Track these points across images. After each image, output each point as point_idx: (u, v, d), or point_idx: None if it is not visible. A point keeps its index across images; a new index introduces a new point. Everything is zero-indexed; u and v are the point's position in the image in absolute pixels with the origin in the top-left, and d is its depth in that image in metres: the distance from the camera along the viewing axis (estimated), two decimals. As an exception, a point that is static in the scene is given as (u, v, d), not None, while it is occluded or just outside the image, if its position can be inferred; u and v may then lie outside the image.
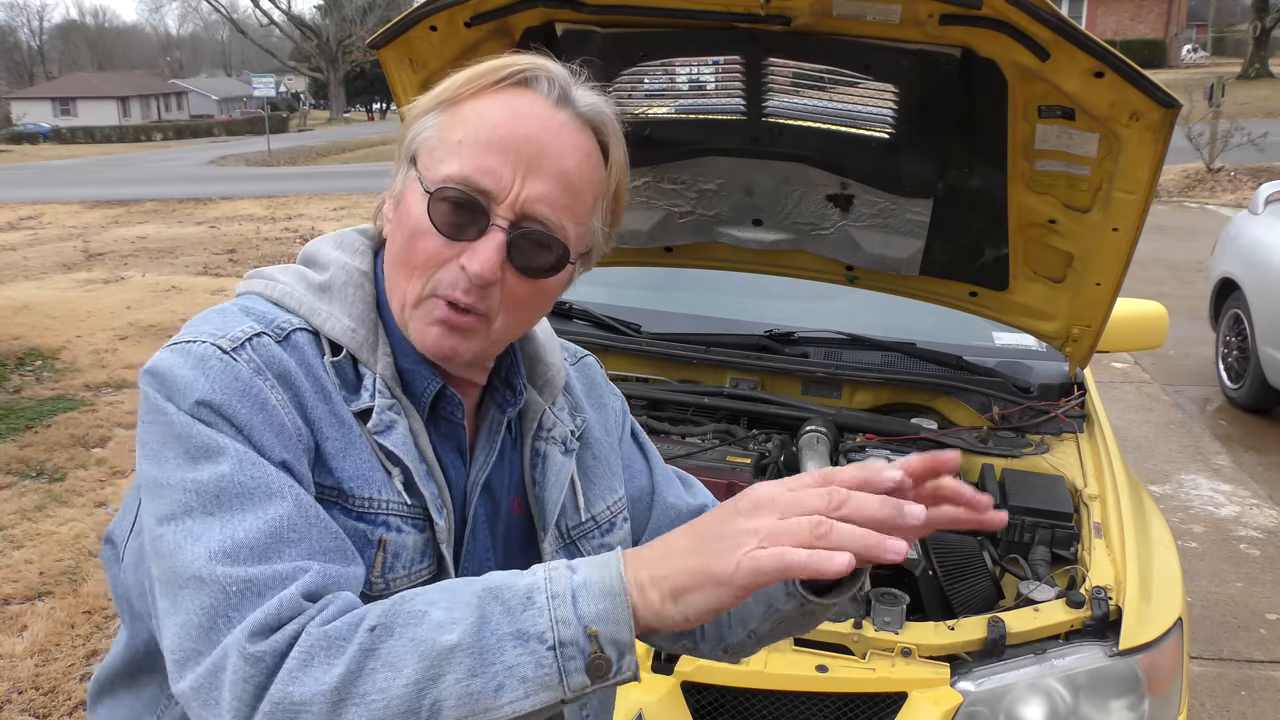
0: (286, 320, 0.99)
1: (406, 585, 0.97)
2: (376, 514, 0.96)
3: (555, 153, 0.96)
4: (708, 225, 2.71)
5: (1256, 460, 5.53)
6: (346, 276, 1.03)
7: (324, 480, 0.95)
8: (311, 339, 0.99)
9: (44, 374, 7.26)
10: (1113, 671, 1.85)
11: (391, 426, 0.98)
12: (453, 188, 0.94)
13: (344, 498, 0.95)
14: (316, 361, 0.98)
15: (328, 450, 0.95)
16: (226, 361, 0.91)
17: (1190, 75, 28.61)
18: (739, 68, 2.21)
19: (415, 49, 2.22)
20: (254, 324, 0.96)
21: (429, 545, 0.99)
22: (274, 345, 0.95)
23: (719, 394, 2.69)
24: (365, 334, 1.00)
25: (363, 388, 0.99)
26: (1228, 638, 3.80)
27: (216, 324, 0.95)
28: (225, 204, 18.21)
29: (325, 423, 0.95)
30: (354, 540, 0.94)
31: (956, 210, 2.41)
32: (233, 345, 0.93)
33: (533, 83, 0.97)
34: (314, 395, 0.96)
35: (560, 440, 1.13)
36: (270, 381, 0.92)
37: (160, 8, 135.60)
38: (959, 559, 2.06)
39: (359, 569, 0.92)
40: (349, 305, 1.01)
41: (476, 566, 1.05)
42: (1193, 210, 13.67)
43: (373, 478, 0.96)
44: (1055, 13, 1.85)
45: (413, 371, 1.02)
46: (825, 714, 1.82)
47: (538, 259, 0.97)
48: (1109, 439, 2.56)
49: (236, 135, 53.46)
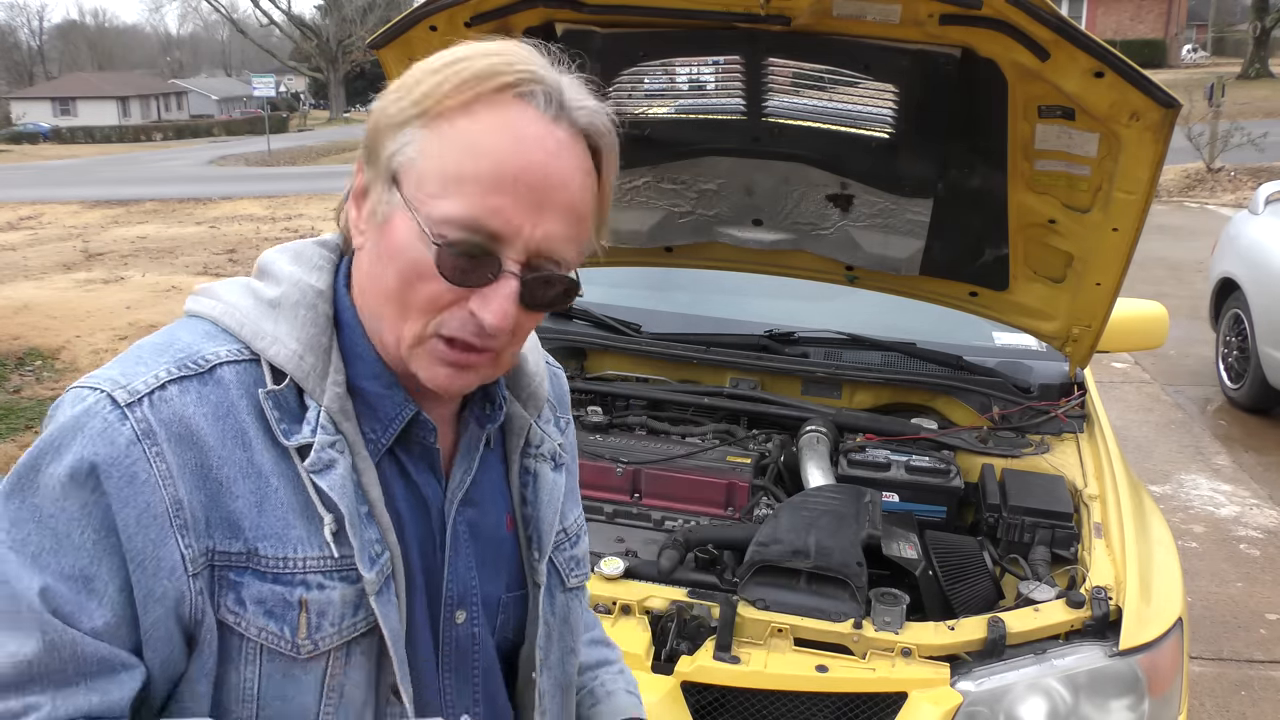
0: (214, 352, 0.91)
1: (340, 642, 0.92)
2: (294, 574, 0.89)
3: (560, 182, 0.89)
4: (708, 225, 2.71)
5: (1257, 460, 5.53)
6: (299, 295, 0.94)
7: (231, 546, 0.88)
8: (244, 370, 0.91)
9: (44, 374, 7.26)
10: (1113, 671, 1.85)
11: (330, 466, 0.91)
12: (460, 235, 0.87)
13: (255, 559, 0.88)
14: (243, 400, 0.90)
15: (236, 509, 0.88)
16: (110, 423, 0.85)
17: (1190, 75, 28.61)
18: (739, 68, 2.22)
19: (415, 49, 2.22)
20: (168, 366, 0.89)
21: (361, 597, 0.92)
22: (180, 395, 0.87)
23: (719, 394, 2.69)
24: (314, 362, 0.92)
25: (305, 420, 0.91)
26: (1228, 638, 3.80)
27: (127, 366, 0.89)
28: (225, 204, 18.21)
29: (235, 480, 0.88)
30: (273, 604, 0.89)
31: (956, 210, 2.41)
32: (129, 399, 0.86)
33: (529, 97, 0.89)
34: (226, 447, 0.88)
35: (550, 456, 1.10)
36: (157, 447, 0.85)
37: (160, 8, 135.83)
38: (959, 559, 2.06)
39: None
40: (298, 328, 0.93)
41: (460, 589, 1.01)
42: (1193, 210, 13.67)
43: (289, 535, 0.89)
44: (1055, 13, 1.85)
45: (381, 396, 0.95)
46: (825, 714, 1.82)
47: (549, 295, 0.93)
48: (1109, 439, 2.56)
49: (236, 135, 53.45)
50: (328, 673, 0.91)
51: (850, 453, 2.39)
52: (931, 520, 2.27)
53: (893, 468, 2.33)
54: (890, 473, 2.32)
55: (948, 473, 2.31)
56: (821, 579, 1.91)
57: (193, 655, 0.89)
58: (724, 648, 1.84)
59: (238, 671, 0.90)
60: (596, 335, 2.83)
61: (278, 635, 0.89)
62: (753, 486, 2.30)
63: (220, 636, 0.89)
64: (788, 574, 1.92)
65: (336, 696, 0.92)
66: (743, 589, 1.93)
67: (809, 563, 1.90)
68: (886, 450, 2.40)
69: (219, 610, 0.89)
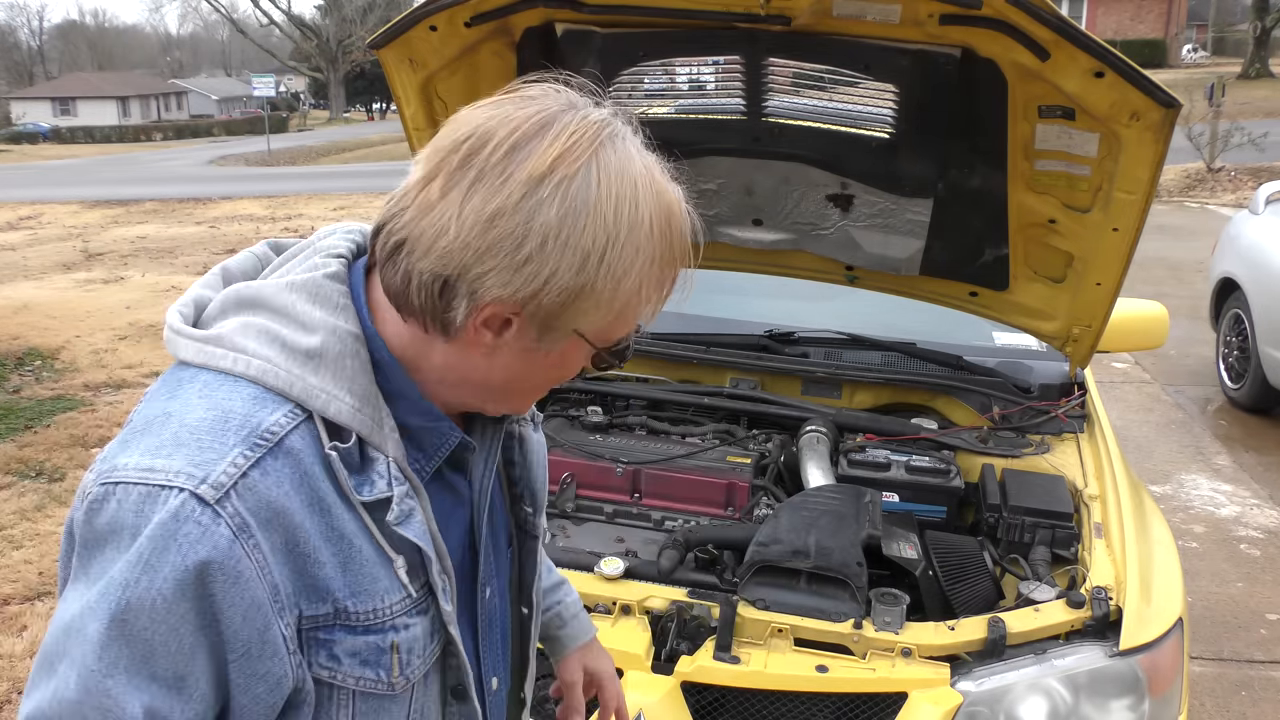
0: (275, 422, 0.86)
1: (423, 671, 0.98)
2: (384, 622, 0.93)
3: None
4: (708, 225, 2.69)
5: (1257, 460, 5.53)
6: (341, 345, 0.90)
7: (318, 610, 0.89)
8: (305, 434, 0.88)
9: (43, 374, 7.26)
10: (1113, 672, 1.85)
11: (410, 515, 0.92)
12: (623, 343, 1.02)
13: (344, 616, 0.90)
14: (315, 466, 0.87)
15: (323, 575, 0.88)
16: (204, 527, 0.81)
17: (1190, 75, 28.59)
18: (739, 68, 2.21)
19: (415, 49, 2.22)
20: (241, 450, 0.84)
21: (435, 623, 0.97)
22: (262, 480, 0.84)
23: (719, 394, 2.69)
24: (371, 413, 0.91)
25: (375, 474, 0.91)
26: (1228, 638, 3.80)
27: (193, 454, 0.83)
28: (225, 204, 18.21)
29: (319, 548, 0.88)
30: (367, 653, 0.92)
31: (956, 210, 2.41)
32: (216, 495, 0.82)
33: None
34: (310, 519, 0.87)
35: (530, 418, 1.18)
36: (254, 539, 0.83)
37: (160, 8, 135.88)
38: (959, 559, 2.06)
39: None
40: (348, 380, 0.90)
41: (489, 567, 1.08)
42: (1193, 210, 13.67)
43: (374, 588, 0.92)
44: (1055, 13, 1.85)
45: (428, 430, 0.96)
46: (825, 714, 1.82)
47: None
48: (1109, 439, 2.56)
49: (236, 135, 53.44)
50: (413, 699, 0.98)
51: (850, 453, 2.39)
52: (931, 520, 2.27)
53: (893, 468, 2.33)
54: (890, 473, 2.32)
55: (948, 473, 2.31)
56: (821, 579, 1.91)
57: (293, 716, 0.92)
58: (724, 648, 1.84)
59: (329, 717, 0.94)
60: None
61: (374, 680, 0.94)
62: (753, 486, 2.30)
63: (320, 691, 0.93)
64: (788, 574, 1.92)
65: (419, 715, 1.00)
66: (743, 589, 1.93)
67: (809, 563, 1.90)
68: (886, 450, 2.40)
69: (313, 669, 0.91)
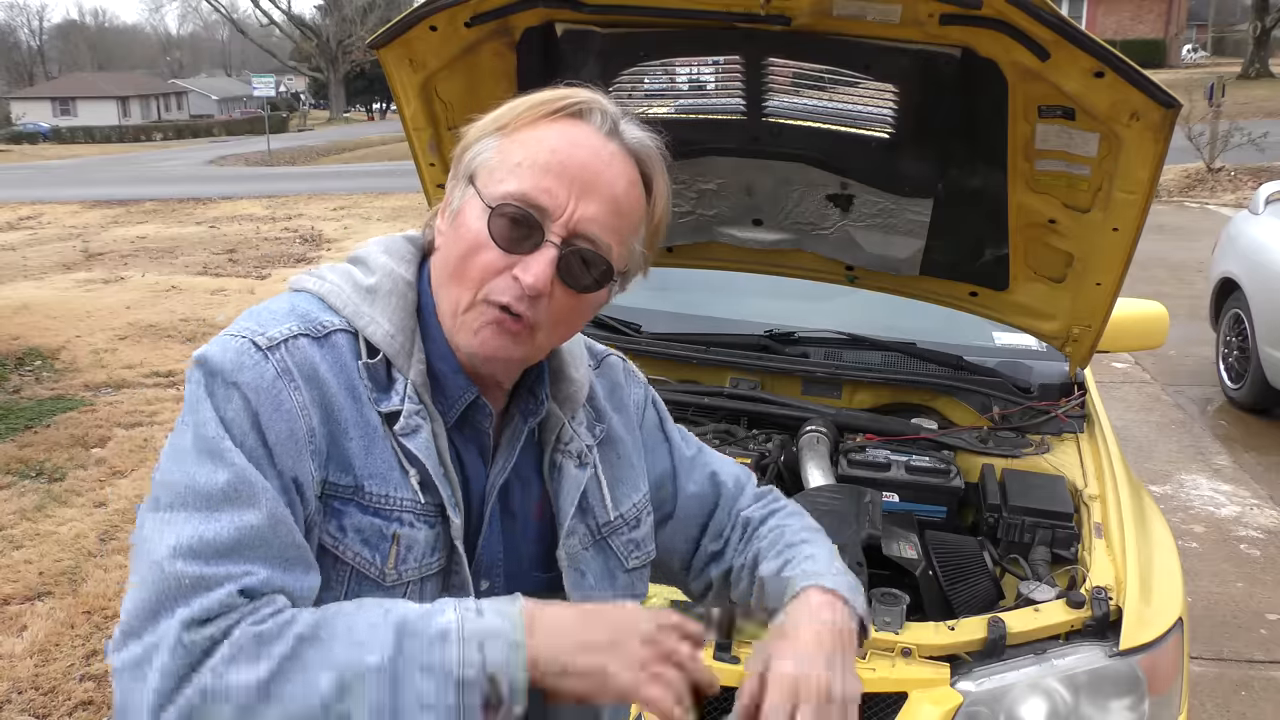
0: (329, 320, 1.06)
1: (418, 577, 1.05)
2: (391, 510, 1.03)
3: (608, 180, 1.05)
4: (708, 225, 2.71)
5: (1257, 460, 5.53)
6: (392, 284, 1.09)
7: (340, 479, 1.02)
8: (350, 340, 1.06)
9: (44, 374, 7.26)
10: (1113, 672, 1.85)
11: (416, 431, 1.04)
12: (512, 204, 1.02)
13: (360, 494, 1.02)
14: (351, 362, 1.04)
15: (350, 449, 1.02)
16: (257, 360, 0.99)
17: (1190, 75, 28.60)
18: (739, 68, 2.21)
19: (415, 49, 2.22)
20: (295, 324, 1.03)
21: (440, 540, 1.06)
22: (309, 346, 1.02)
23: (719, 394, 2.69)
24: (403, 341, 1.07)
25: (394, 391, 1.05)
26: (1228, 638, 3.80)
27: (261, 320, 1.03)
28: (225, 204, 18.21)
29: (350, 423, 1.02)
30: (370, 533, 1.02)
31: (956, 210, 2.41)
32: (269, 344, 1.00)
33: (586, 115, 1.06)
34: (343, 396, 1.02)
35: (576, 454, 1.19)
36: (296, 384, 0.99)
37: (160, 8, 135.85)
38: (959, 559, 2.06)
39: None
40: (391, 312, 1.07)
41: (489, 560, 1.12)
42: (1193, 210, 13.67)
43: (390, 476, 1.03)
44: (1055, 13, 1.85)
45: (449, 379, 1.09)
46: (825, 714, 1.82)
47: (584, 275, 1.05)
48: (1109, 439, 2.56)
49: (236, 135, 53.43)
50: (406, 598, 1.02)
51: (850, 453, 2.39)
52: (931, 520, 2.27)
53: (893, 468, 2.33)
54: (890, 473, 2.32)
55: (948, 473, 2.31)
56: (821, 579, 1.90)
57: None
58: (724, 648, 1.84)
59: (328, 591, 1.01)
60: (596, 335, 2.82)
61: (369, 562, 1.02)
62: (753, 486, 2.30)
63: (318, 558, 1.00)
64: (788, 574, 1.92)
65: None
66: (743, 589, 1.93)
67: (809, 563, 1.90)
68: (886, 450, 2.40)
69: (321, 534, 1.01)
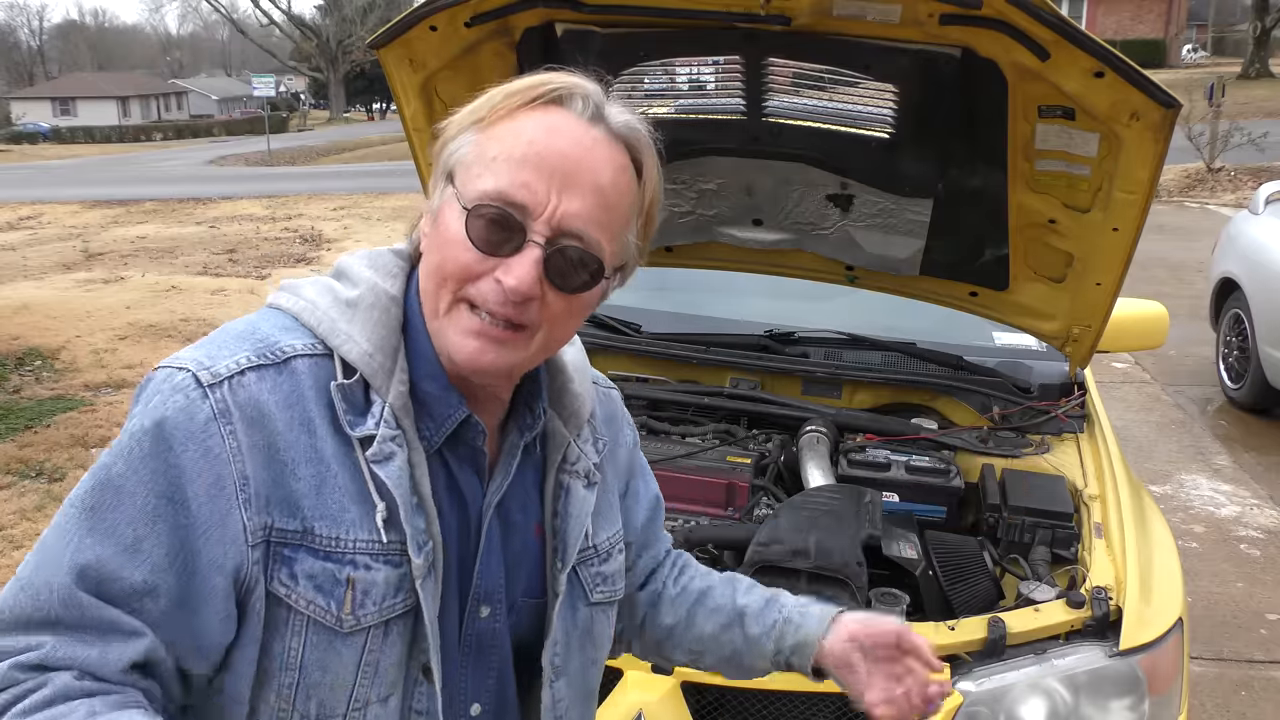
0: (292, 344, 0.99)
1: (379, 620, 0.98)
2: (344, 553, 0.96)
3: (590, 168, 0.97)
4: (708, 225, 2.71)
5: (1257, 460, 5.53)
6: (374, 298, 1.02)
7: (287, 524, 0.95)
8: (316, 363, 0.99)
9: (44, 374, 7.26)
10: (1113, 672, 1.85)
11: (390, 458, 0.98)
12: (489, 204, 0.95)
13: (310, 537, 0.96)
14: (312, 391, 0.97)
15: (297, 490, 0.95)
16: (191, 400, 0.93)
17: (1190, 75, 28.58)
18: (739, 68, 2.21)
19: (415, 49, 2.22)
20: (248, 354, 0.96)
21: (405, 580, 0.99)
22: (256, 382, 0.95)
23: (719, 394, 2.69)
24: (382, 360, 1.00)
25: (370, 414, 0.98)
26: (1228, 638, 3.80)
27: (213, 349, 0.97)
28: (225, 204, 18.21)
29: (300, 461, 0.96)
30: (323, 579, 0.96)
31: (956, 210, 2.41)
32: (211, 381, 0.94)
33: (566, 100, 0.98)
34: (293, 432, 0.96)
35: (584, 474, 1.15)
36: (231, 426, 0.93)
37: (160, 8, 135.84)
38: (959, 559, 2.06)
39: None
40: (371, 328, 1.00)
41: (489, 585, 1.07)
42: (1193, 210, 13.67)
43: (343, 517, 0.97)
44: (1055, 13, 1.85)
45: (437, 398, 1.02)
46: (825, 714, 1.82)
47: (574, 275, 0.98)
48: (1109, 439, 2.56)
49: (236, 135, 53.41)
50: (366, 648, 0.98)
51: (850, 453, 2.39)
52: (931, 520, 2.27)
53: (893, 468, 2.33)
54: (890, 473, 2.32)
55: (948, 473, 2.31)
56: (821, 579, 1.90)
57: (242, 623, 0.96)
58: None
59: (283, 640, 0.97)
60: (596, 335, 2.83)
61: (324, 609, 0.96)
62: (753, 486, 2.30)
63: (270, 608, 0.96)
64: (788, 574, 1.92)
65: (372, 670, 0.99)
66: (743, 589, 1.93)
67: (809, 563, 1.90)
68: (886, 450, 2.40)
69: (271, 583, 0.96)
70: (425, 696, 1.02)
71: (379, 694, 1.00)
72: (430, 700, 1.02)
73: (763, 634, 1.29)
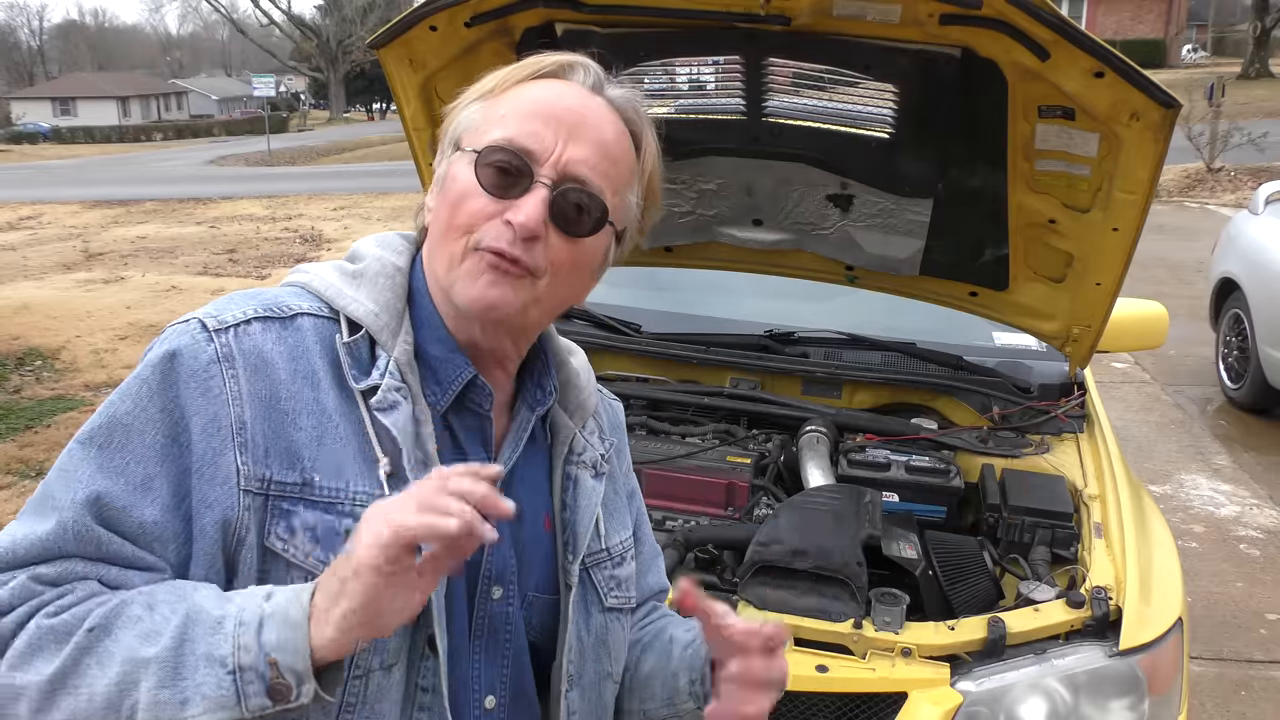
0: (297, 305, 1.02)
1: None
2: (343, 504, 0.96)
3: (594, 124, 1.02)
4: (708, 225, 2.71)
5: (1257, 460, 5.53)
6: (380, 268, 1.06)
7: (286, 476, 0.96)
8: (321, 324, 1.02)
9: (44, 374, 7.26)
10: (1113, 671, 1.85)
11: (394, 406, 0.99)
12: (499, 148, 0.99)
13: (309, 489, 0.96)
14: (316, 346, 1.00)
15: (298, 440, 0.96)
16: (196, 342, 0.96)
17: (1190, 75, 28.58)
18: (739, 68, 2.21)
19: (415, 49, 2.22)
20: (255, 308, 1.00)
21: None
22: (262, 331, 0.98)
23: (719, 394, 2.69)
24: (388, 320, 1.03)
25: (375, 368, 1.01)
26: (1228, 638, 3.80)
27: (221, 304, 1.01)
28: (225, 204, 18.21)
29: (301, 411, 0.97)
30: (321, 531, 0.95)
31: (956, 210, 2.41)
32: (217, 327, 0.97)
33: (568, 72, 1.05)
34: (296, 384, 0.98)
35: (591, 464, 1.16)
36: (234, 371, 0.95)
37: (160, 8, 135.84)
38: (959, 559, 2.06)
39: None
40: (377, 292, 1.04)
41: (499, 565, 1.06)
42: (1193, 210, 13.67)
43: (344, 469, 0.97)
44: (1055, 13, 1.85)
45: (444, 360, 1.04)
46: (825, 714, 1.82)
47: (578, 217, 1.01)
48: (1109, 439, 2.56)
49: (236, 135, 53.40)
50: None
51: (850, 453, 2.39)
52: (931, 520, 2.27)
53: (893, 468, 2.33)
54: (890, 473, 2.32)
55: (948, 473, 2.31)
56: (821, 579, 1.90)
57: (232, 581, 0.96)
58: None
59: None
60: (596, 335, 2.83)
61: (321, 561, 0.94)
62: (753, 486, 2.30)
63: (267, 565, 0.95)
64: (788, 574, 1.92)
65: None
66: (743, 589, 1.93)
67: (809, 563, 1.90)
68: (886, 450, 2.40)
69: (268, 538, 0.95)
70: (431, 672, 0.99)
71: (381, 661, 0.97)
72: (435, 676, 0.99)
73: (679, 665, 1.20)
